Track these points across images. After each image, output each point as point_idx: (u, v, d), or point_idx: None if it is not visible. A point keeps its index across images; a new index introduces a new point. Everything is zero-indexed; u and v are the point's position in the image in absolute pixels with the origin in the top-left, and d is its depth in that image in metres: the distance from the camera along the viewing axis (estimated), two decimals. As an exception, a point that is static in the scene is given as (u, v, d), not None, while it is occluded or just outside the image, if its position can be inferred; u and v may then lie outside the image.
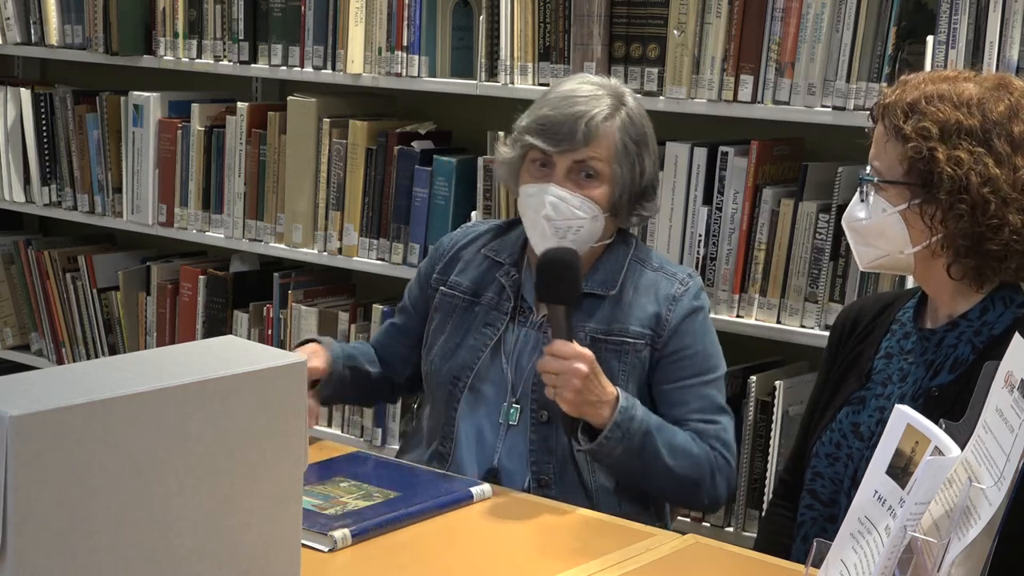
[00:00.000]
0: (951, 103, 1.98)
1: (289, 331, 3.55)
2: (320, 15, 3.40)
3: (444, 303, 2.51)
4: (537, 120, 2.38)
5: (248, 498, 1.64)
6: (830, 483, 2.13)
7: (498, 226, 2.57)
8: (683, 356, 2.40)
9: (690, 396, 2.39)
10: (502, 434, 2.41)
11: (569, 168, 2.37)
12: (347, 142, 3.41)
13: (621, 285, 2.42)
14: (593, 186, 2.37)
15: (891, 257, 2.06)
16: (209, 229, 3.71)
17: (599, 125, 2.35)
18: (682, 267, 2.52)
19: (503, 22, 3.09)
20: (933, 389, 2.04)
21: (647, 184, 2.43)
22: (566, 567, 1.96)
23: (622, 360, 2.38)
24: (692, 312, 2.41)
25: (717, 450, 2.37)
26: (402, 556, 2.00)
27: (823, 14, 2.71)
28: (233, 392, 1.60)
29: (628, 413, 2.26)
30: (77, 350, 4.06)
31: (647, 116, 2.46)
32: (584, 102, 2.36)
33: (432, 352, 2.49)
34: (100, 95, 3.90)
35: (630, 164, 2.39)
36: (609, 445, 2.26)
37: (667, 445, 2.31)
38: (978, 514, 1.46)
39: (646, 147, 2.42)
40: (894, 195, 2.02)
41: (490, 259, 2.50)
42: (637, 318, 2.39)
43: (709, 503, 2.40)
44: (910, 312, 2.15)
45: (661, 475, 2.32)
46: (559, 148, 2.35)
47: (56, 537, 1.45)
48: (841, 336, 2.24)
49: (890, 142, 2.02)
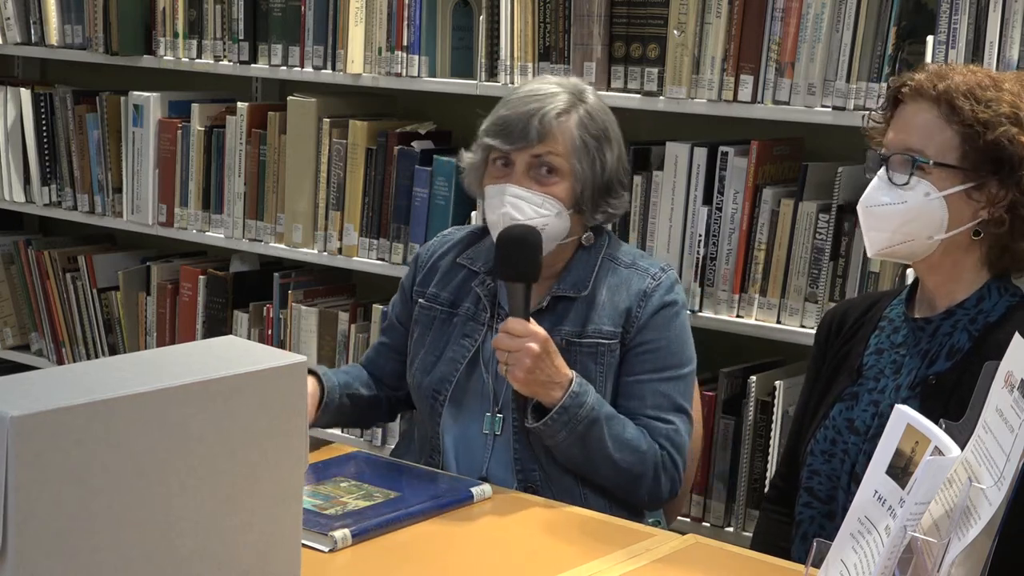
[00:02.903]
0: (1009, 91, 2.01)
1: (289, 331, 3.55)
2: (320, 15, 3.40)
3: (423, 316, 2.49)
4: (495, 121, 2.39)
5: (249, 498, 1.64)
6: (827, 480, 2.13)
7: (472, 232, 2.55)
8: (645, 350, 2.38)
9: (646, 391, 2.37)
10: (489, 444, 2.40)
11: (528, 164, 2.36)
12: (347, 142, 3.41)
13: (593, 285, 2.40)
14: (552, 182, 2.36)
15: (914, 243, 2.05)
16: (209, 229, 3.71)
17: (552, 121, 2.35)
18: (656, 261, 2.49)
19: (503, 22, 3.09)
20: (930, 377, 2.05)
21: (610, 179, 2.41)
22: (566, 567, 1.96)
23: (598, 362, 2.38)
24: (662, 307, 2.39)
25: (665, 449, 2.35)
26: (402, 556, 2.00)
27: (823, 14, 2.71)
28: (234, 392, 1.60)
29: (578, 399, 2.27)
30: (77, 350, 4.07)
31: (609, 112, 2.44)
32: (539, 100, 2.37)
33: (413, 366, 2.48)
34: (100, 95, 3.90)
35: (590, 159, 2.38)
36: (554, 427, 2.27)
37: (614, 436, 2.30)
38: (978, 514, 1.46)
39: (607, 142, 2.40)
40: (942, 178, 2.02)
41: (466, 268, 2.48)
42: (610, 317, 2.38)
43: (649, 500, 2.38)
44: (899, 308, 2.16)
45: (603, 465, 2.31)
46: (515, 145, 2.35)
47: (56, 537, 1.45)
48: (828, 336, 2.25)
49: (949, 126, 2.02)
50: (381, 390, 2.57)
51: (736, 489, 2.91)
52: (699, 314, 2.90)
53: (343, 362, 3.45)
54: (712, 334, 2.95)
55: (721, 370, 2.95)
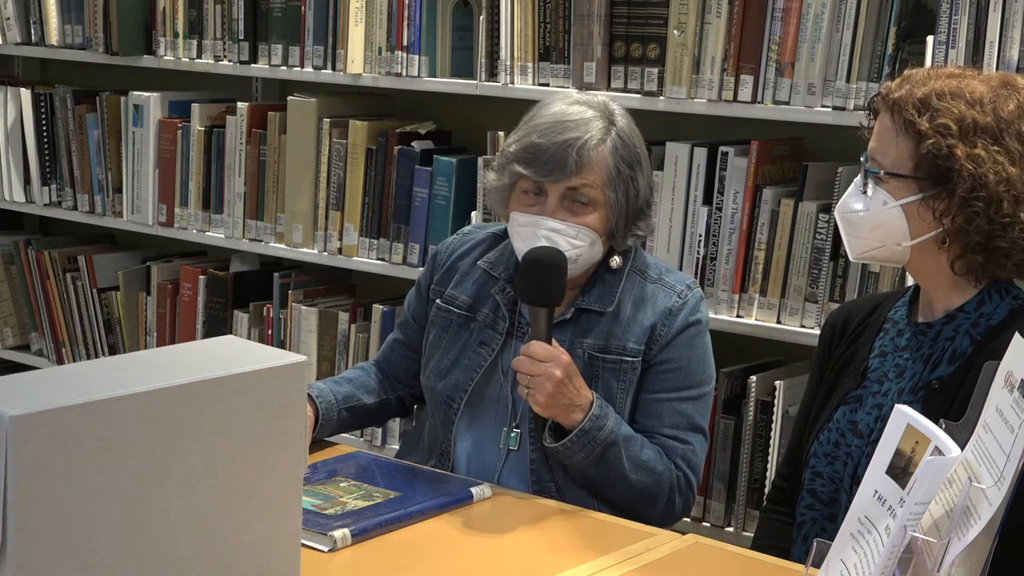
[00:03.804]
0: (964, 100, 1.98)
1: (289, 331, 3.55)
2: (320, 15, 3.40)
3: (440, 318, 2.46)
4: (526, 149, 2.32)
5: (248, 498, 1.64)
6: (830, 482, 2.13)
7: (495, 234, 2.51)
8: (666, 369, 2.36)
9: (664, 410, 2.36)
10: (502, 455, 2.38)
11: (562, 196, 2.32)
12: (347, 142, 3.41)
13: (619, 300, 2.38)
14: (587, 212, 2.32)
15: (886, 248, 2.06)
16: (209, 229, 3.71)
17: (590, 152, 2.29)
18: (682, 277, 2.44)
19: (503, 22, 3.09)
20: (933, 382, 2.04)
21: (642, 204, 2.38)
22: (566, 567, 1.96)
23: (620, 379, 2.35)
24: (687, 327, 2.37)
25: (681, 469, 2.34)
26: (402, 556, 2.00)
27: (823, 14, 2.71)
28: (233, 392, 1.60)
29: (599, 423, 2.25)
30: (77, 350, 4.07)
31: (638, 132, 2.39)
32: (574, 127, 2.30)
33: (428, 369, 2.45)
34: (100, 95, 3.90)
35: (624, 188, 2.33)
36: (572, 449, 2.25)
37: (631, 459, 2.28)
38: (978, 514, 1.46)
39: (639, 166, 2.36)
40: (898, 188, 2.02)
41: (486, 272, 2.45)
42: (635, 334, 2.36)
43: (661, 519, 2.35)
44: (902, 310, 2.15)
45: (619, 485, 2.30)
46: (550, 178, 2.30)
47: (56, 537, 1.45)
48: (832, 337, 2.25)
49: (900, 137, 2.02)
50: (393, 390, 2.55)
51: (736, 489, 2.91)
52: (699, 314, 2.90)
53: (343, 362, 3.45)
54: (712, 334, 2.94)
55: (721, 370, 2.94)
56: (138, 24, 3.77)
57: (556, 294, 2.27)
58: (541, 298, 2.26)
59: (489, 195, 2.45)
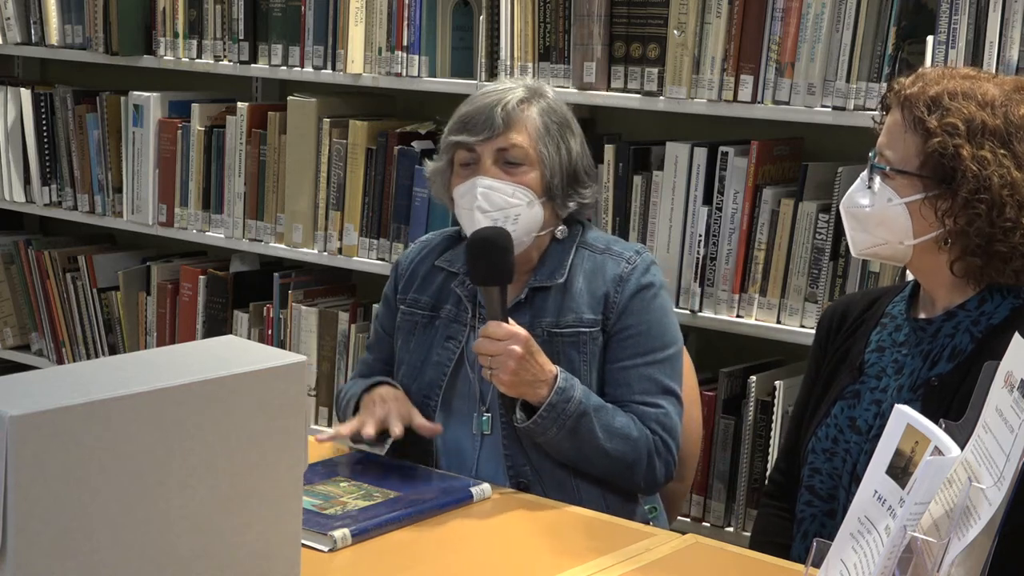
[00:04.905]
0: (975, 102, 1.98)
1: (289, 331, 3.55)
2: (320, 15, 3.40)
3: (405, 322, 2.48)
4: (456, 120, 2.40)
5: (248, 498, 1.64)
6: (828, 478, 2.13)
7: (449, 236, 2.54)
8: (627, 336, 2.37)
9: (632, 376, 2.36)
10: (478, 443, 2.40)
11: (494, 157, 2.36)
12: (347, 142, 3.41)
13: (569, 273, 2.39)
14: (522, 172, 2.36)
15: (889, 246, 2.06)
16: (209, 229, 3.71)
17: (515, 109, 2.36)
18: (631, 244, 2.47)
19: (503, 22, 3.09)
20: (932, 379, 2.04)
21: (576, 166, 2.41)
22: (566, 567, 1.96)
23: (580, 351, 2.36)
24: (640, 290, 2.38)
25: (657, 434, 2.34)
26: (402, 556, 2.00)
27: (823, 14, 2.71)
28: (233, 392, 1.61)
29: (565, 394, 2.26)
30: (77, 350, 4.07)
31: (568, 108, 2.45)
32: (499, 93, 2.39)
33: (400, 372, 2.47)
34: (100, 95, 3.90)
35: (555, 145, 2.38)
36: (543, 425, 2.26)
37: (603, 427, 2.29)
38: (978, 514, 1.46)
39: (569, 129, 2.41)
40: (903, 185, 2.02)
41: (444, 270, 2.47)
42: (588, 304, 2.37)
43: (645, 486, 2.37)
44: (901, 305, 2.15)
45: (595, 456, 2.31)
46: (480, 136, 2.35)
47: (56, 537, 1.46)
48: (828, 332, 2.25)
49: (908, 133, 2.01)
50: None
51: (736, 489, 2.91)
52: (699, 314, 2.91)
53: (343, 362, 3.46)
54: (712, 334, 2.96)
55: (721, 370, 2.95)
56: (138, 24, 3.77)
57: (505, 271, 2.28)
58: (491, 276, 2.27)
59: (433, 184, 2.50)
